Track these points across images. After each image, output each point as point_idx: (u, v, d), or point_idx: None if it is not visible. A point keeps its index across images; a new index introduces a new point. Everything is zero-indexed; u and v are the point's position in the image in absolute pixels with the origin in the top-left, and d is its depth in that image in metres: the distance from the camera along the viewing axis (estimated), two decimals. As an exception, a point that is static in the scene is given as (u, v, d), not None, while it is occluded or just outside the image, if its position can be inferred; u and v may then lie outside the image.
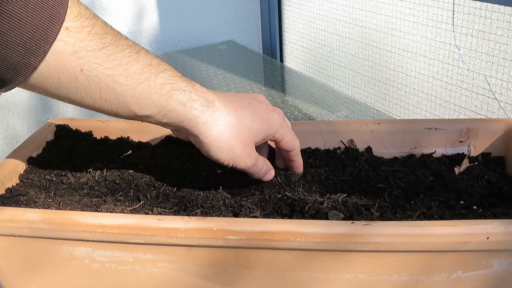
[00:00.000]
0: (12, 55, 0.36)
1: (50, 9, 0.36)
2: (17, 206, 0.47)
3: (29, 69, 0.37)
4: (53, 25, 0.36)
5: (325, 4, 1.39)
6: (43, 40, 0.36)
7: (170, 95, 0.42)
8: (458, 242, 0.37)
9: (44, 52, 0.37)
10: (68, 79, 0.39)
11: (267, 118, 0.46)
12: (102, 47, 0.39)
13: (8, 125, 1.27)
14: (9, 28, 0.35)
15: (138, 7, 1.44)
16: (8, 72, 0.37)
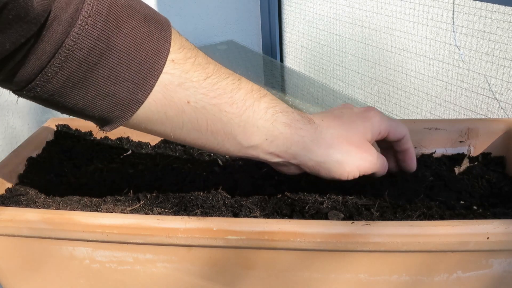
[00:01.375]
0: (120, 90, 0.35)
1: (156, 42, 0.36)
2: (17, 206, 0.47)
3: (136, 105, 0.36)
4: (159, 58, 0.36)
5: (325, 4, 1.39)
6: (150, 73, 0.36)
7: (275, 118, 0.41)
8: (458, 242, 0.37)
9: (151, 86, 0.36)
10: (175, 113, 0.38)
11: (365, 117, 0.45)
12: (206, 77, 0.38)
13: (8, 125, 1.27)
14: (118, 63, 0.34)
15: (138, 7, 1.44)
16: (115, 109, 0.36)
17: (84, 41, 0.33)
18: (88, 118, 0.38)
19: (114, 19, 0.34)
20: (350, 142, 0.43)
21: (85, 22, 0.33)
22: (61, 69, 0.33)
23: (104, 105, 0.36)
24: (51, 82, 0.34)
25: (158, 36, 0.36)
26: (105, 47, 0.34)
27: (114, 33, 0.34)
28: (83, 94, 0.35)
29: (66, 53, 0.33)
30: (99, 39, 0.33)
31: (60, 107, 0.37)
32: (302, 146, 0.42)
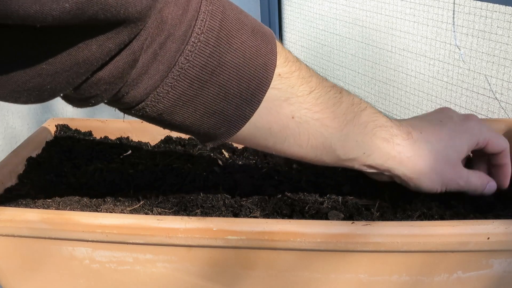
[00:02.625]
0: (228, 107, 0.35)
1: (264, 57, 0.35)
2: (17, 206, 0.47)
3: (243, 121, 0.36)
4: (267, 72, 0.35)
5: (325, 4, 1.39)
6: (258, 89, 0.35)
7: (374, 133, 0.40)
8: (458, 242, 0.37)
9: (259, 102, 0.35)
10: (279, 128, 0.37)
11: (464, 129, 0.44)
12: (310, 91, 0.37)
13: (8, 125, 1.27)
14: (228, 80, 0.34)
15: (138, 7, 1.44)
16: (222, 126, 0.36)
17: (197, 58, 0.32)
18: (192, 134, 0.38)
19: (225, 35, 0.33)
20: (445, 161, 0.43)
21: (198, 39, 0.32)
22: (173, 88, 0.33)
23: (211, 122, 0.35)
24: (162, 101, 0.33)
25: (266, 50, 0.35)
26: (217, 63, 0.33)
27: (226, 49, 0.33)
28: (192, 112, 0.34)
29: (179, 72, 0.32)
30: (212, 56, 0.32)
31: (167, 125, 0.36)
32: (399, 162, 0.42)
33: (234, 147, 0.58)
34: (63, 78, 0.30)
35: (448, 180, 0.43)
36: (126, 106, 0.34)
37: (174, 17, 0.31)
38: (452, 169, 0.43)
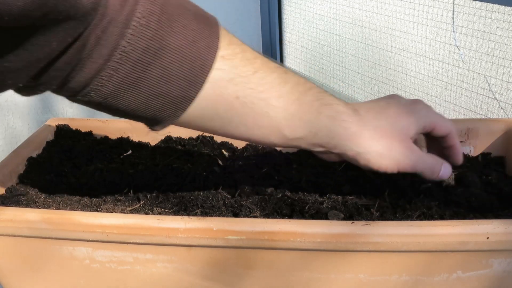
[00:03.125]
0: (172, 89, 0.36)
1: (206, 39, 0.36)
2: (17, 206, 0.47)
3: (187, 102, 0.36)
4: (210, 54, 0.36)
5: (325, 4, 1.39)
6: (201, 70, 0.36)
7: (320, 111, 0.41)
8: (458, 242, 0.37)
9: (202, 82, 0.36)
10: (225, 109, 0.38)
11: (411, 111, 0.44)
12: (254, 72, 0.38)
13: (8, 125, 1.27)
14: (171, 62, 0.35)
15: (138, 7, 1.44)
16: (168, 108, 0.37)
17: (139, 41, 0.33)
18: (139, 119, 0.38)
19: (167, 18, 0.34)
20: (393, 136, 0.43)
21: (139, 23, 0.33)
22: (116, 72, 0.34)
23: (157, 105, 0.36)
24: (106, 85, 0.34)
25: (208, 33, 0.36)
26: (159, 46, 0.34)
27: (167, 32, 0.34)
28: (137, 95, 0.35)
29: (121, 55, 0.33)
30: (153, 38, 0.34)
31: (113, 110, 0.37)
32: (345, 137, 0.42)
33: (234, 147, 0.58)
34: (24, 73, 0.32)
35: (400, 155, 0.42)
36: (72, 92, 0.35)
37: (116, 3, 0.32)
38: (401, 144, 0.43)
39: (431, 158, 0.45)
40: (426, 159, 0.44)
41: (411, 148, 0.43)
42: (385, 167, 0.42)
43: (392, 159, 0.42)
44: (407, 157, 0.43)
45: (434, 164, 0.44)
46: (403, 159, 0.42)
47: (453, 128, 0.46)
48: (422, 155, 0.44)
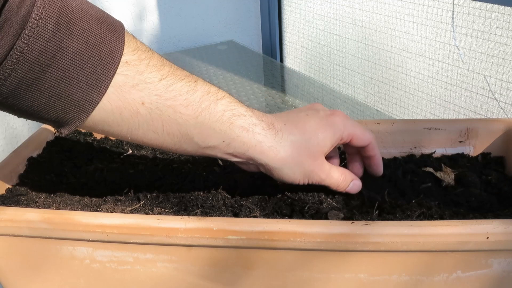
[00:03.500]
0: (74, 92, 0.36)
1: (109, 44, 0.36)
2: (17, 206, 0.47)
3: (91, 106, 0.37)
4: (112, 59, 0.36)
5: (325, 4, 1.39)
6: (103, 74, 0.36)
7: (232, 121, 0.41)
8: (458, 242, 0.37)
9: (105, 87, 0.36)
10: (130, 114, 0.38)
11: (328, 124, 0.45)
12: (161, 79, 0.39)
13: (9, 125, 1.27)
14: (71, 65, 0.35)
15: (139, 7, 1.44)
16: (71, 110, 0.37)
17: (35, 43, 0.33)
18: (44, 120, 0.39)
19: (65, 22, 0.35)
20: (307, 153, 0.44)
21: (36, 24, 0.33)
22: (13, 71, 0.34)
23: (59, 107, 0.37)
24: (4, 84, 0.34)
25: (111, 38, 0.37)
26: (57, 48, 0.34)
27: (66, 35, 0.34)
28: (37, 95, 0.36)
29: (18, 55, 0.33)
30: (50, 40, 0.34)
31: (16, 110, 0.37)
32: (260, 151, 0.42)
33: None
34: None
35: (310, 172, 0.44)
36: None
37: (13, 4, 0.33)
38: (314, 162, 0.44)
39: (340, 175, 0.46)
40: (335, 176, 0.45)
41: (323, 166, 0.45)
42: (297, 181, 0.44)
43: (303, 174, 0.44)
44: (317, 175, 0.44)
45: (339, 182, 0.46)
46: (314, 176, 0.44)
47: (373, 139, 0.47)
48: (333, 173, 0.45)
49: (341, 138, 0.46)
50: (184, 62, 1.38)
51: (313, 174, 0.44)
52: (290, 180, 0.44)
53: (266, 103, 1.06)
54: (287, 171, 0.43)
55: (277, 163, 0.43)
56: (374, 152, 0.48)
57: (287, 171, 0.43)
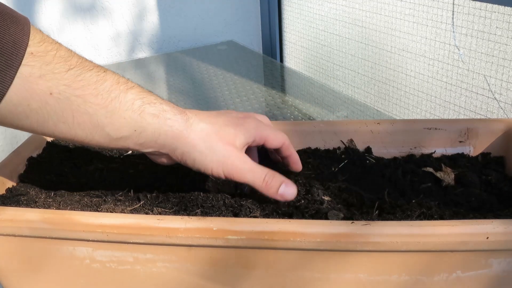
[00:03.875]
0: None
1: (13, 35, 0.37)
2: (17, 206, 0.47)
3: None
4: (17, 50, 0.37)
5: (325, 4, 1.39)
6: (8, 65, 0.36)
7: (142, 109, 0.41)
8: (458, 242, 0.37)
9: (11, 78, 0.36)
10: (38, 105, 0.38)
11: (240, 123, 0.45)
12: (68, 69, 0.39)
13: (8, 125, 1.27)
14: None
15: (139, 7, 1.44)
16: None
17: None
18: None
19: None
20: (219, 139, 0.44)
21: None
22: None
23: None
24: None
25: (15, 30, 0.37)
26: None
27: None
28: None
29: None
30: None
31: None
32: (171, 136, 0.42)
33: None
34: None
35: (223, 158, 0.43)
36: None
37: None
38: (226, 146, 0.43)
39: (263, 170, 0.44)
40: (256, 169, 0.44)
41: (238, 154, 0.44)
42: (211, 169, 0.43)
43: (216, 161, 0.43)
44: (232, 162, 0.43)
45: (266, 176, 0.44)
46: (227, 162, 0.43)
47: (286, 140, 0.48)
48: (252, 165, 0.44)
49: (254, 140, 0.46)
50: (184, 62, 1.38)
51: (227, 160, 0.43)
52: (203, 166, 0.43)
53: (266, 103, 1.06)
54: (198, 155, 0.43)
55: (187, 146, 0.43)
56: (290, 152, 0.49)
57: (198, 154, 0.43)
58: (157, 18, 1.47)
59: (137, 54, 1.48)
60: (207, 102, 1.10)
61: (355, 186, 0.50)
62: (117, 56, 1.46)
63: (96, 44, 1.42)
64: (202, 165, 0.43)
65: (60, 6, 1.34)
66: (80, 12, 1.37)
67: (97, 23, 1.40)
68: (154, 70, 1.35)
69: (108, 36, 1.43)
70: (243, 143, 0.45)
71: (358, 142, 0.58)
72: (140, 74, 1.31)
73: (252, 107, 1.03)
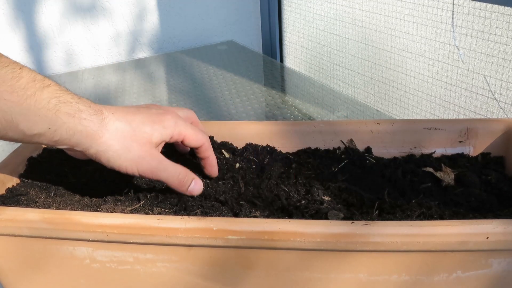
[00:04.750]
0: None
1: None
2: (17, 206, 0.47)
3: None
4: None
5: (325, 4, 1.39)
6: None
7: (58, 108, 0.41)
8: (458, 242, 0.37)
9: None
10: None
11: (158, 120, 0.46)
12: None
13: (8, 125, 1.27)
14: None
15: (139, 7, 1.44)
16: None
17: None
18: None
19: None
20: (134, 139, 0.44)
21: None
22: None
23: None
24: None
25: None
26: None
27: None
28: None
29: None
30: None
31: None
32: (85, 135, 0.43)
33: (234, 147, 0.58)
34: None
35: (138, 158, 0.44)
36: None
37: None
38: (141, 147, 0.44)
39: (177, 168, 0.46)
40: (170, 168, 0.45)
41: (153, 154, 0.45)
42: (125, 168, 0.44)
43: (130, 160, 0.44)
44: (147, 161, 0.44)
45: (179, 175, 0.45)
46: (142, 162, 0.44)
47: (206, 141, 0.48)
48: (166, 164, 0.45)
49: (172, 136, 0.46)
50: (184, 62, 1.38)
51: (141, 161, 0.44)
52: (117, 165, 0.44)
53: (266, 103, 1.06)
54: (112, 154, 0.43)
55: (101, 146, 0.43)
56: (208, 154, 0.49)
57: (112, 154, 0.43)
58: (157, 18, 1.47)
59: (137, 54, 1.48)
60: (207, 102, 1.10)
61: (355, 186, 0.50)
62: (117, 56, 1.46)
63: (96, 44, 1.42)
64: (116, 164, 0.44)
65: (60, 6, 1.34)
66: (80, 12, 1.37)
67: (97, 23, 1.40)
68: (154, 70, 1.35)
69: (108, 36, 1.43)
70: (159, 141, 0.46)
71: (358, 142, 0.58)
72: (140, 74, 1.31)
73: (252, 107, 1.03)
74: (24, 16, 1.30)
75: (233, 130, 0.59)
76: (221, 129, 0.59)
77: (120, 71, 1.35)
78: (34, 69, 0.42)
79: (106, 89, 1.19)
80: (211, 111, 1.04)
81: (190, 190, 0.46)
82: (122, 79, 1.28)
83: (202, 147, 0.48)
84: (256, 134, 0.59)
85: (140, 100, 1.10)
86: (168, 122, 0.46)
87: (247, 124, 0.60)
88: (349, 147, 0.58)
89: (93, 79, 1.28)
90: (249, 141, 0.58)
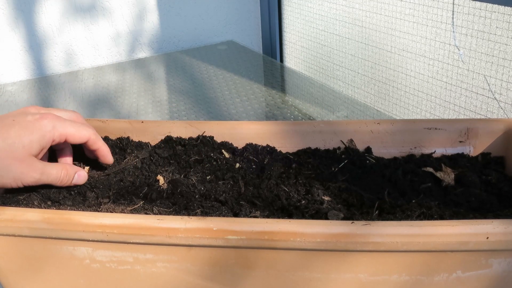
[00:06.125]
0: None
1: None
2: (17, 206, 0.47)
3: None
4: None
5: (325, 4, 1.39)
6: None
7: None
8: (458, 242, 0.37)
9: None
10: None
11: (35, 128, 0.46)
12: None
13: (8, 125, 1.27)
14: None
15: (139, 7, 1.44)
16: None
17: None
18: None
19: None
20: (12, 156, 0.44)
21: None
22: None
23: None
24: None
25: None
26: None
27: None
28: None
29: None
30: None
31: None
32: None
33: (234, 147, 0.58)
34: None
35: (20, 174, 0.45)
36: None
37: None
38: (21, 164, 0.45)
39: (58, 170, 0.47)
40: (53, 172, 0.47)
41: (34, 166, 0.46)
42: (10, 185, 0.45)
43: (13, 178, 0.45)
44: (30, 176, 0.45)
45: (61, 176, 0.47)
46: (25, 177, 0.45)
47: (92, 135, 0.49)
48: (48, 171, 0.47)
49: (53, 140, 0.47)
50: (184, 62, 1.38)
51: (24, 176, 0.45)
52: (2, 184, 0.45)
53: (266, 103, 1.06)
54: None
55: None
56: (97, 146, 0.51)
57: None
58: (157, 18, 1.47)
59: (137, 54, 1.48)
60: (207, 102, 1.10)
61: (355, 186, 0.50)
62: (117, 56, 1.46)
63: (96, 44, 1.42)
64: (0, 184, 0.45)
65: (60, 6, 1.34)
66: (80, 12, 1.37)
67: (97, 23, 1.40)
68: (154, 70, 1.35)
69: (108, 36, 1.43)
70: (39, 150, 0.46)
71: (358, 142, 0.58)
72: (140, 74, 1.31)
73: (252, 107, 1.03)
74: (24, 16, 1.30)
75: (233, 130, 0.59)
76: (221, 129, 0.59)
77: (120, 71, 1.34)
78: (34, 69, 0.42)
79: (106, 89, 1.19)
80: (211, 111, 1.04)
81: (74, 182, 0.49)
82: (122, 79, 1.28)
83: (89, 142, 0.50)
84: (256, 134, 0.59)
85: (140, 100, 1.10)
86: (46, 128, 0.46)
87: (247, 124, 0.60)
88: (349, 147, 0.58)
89: (93, 79, 1.28)
90: (249, 141, 0.58)
